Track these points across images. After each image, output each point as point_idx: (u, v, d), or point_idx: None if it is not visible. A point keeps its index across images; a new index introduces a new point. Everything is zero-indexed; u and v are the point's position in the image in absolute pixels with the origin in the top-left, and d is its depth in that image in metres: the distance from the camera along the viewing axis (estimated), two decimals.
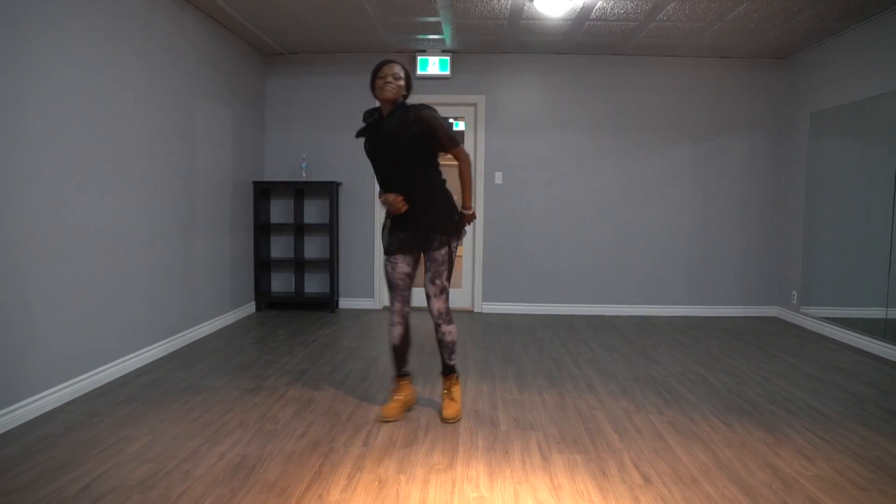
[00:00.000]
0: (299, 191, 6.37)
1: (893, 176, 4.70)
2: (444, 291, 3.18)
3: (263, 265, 6.34)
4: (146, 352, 4.26)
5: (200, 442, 2.90)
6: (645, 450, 2.90)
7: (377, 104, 3.26)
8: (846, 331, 5.23)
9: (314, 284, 6.57)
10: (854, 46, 5.19)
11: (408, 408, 3.36)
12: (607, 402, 3.61)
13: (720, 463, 2.75)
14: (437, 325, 3.23)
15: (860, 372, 4.29)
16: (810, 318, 5.78)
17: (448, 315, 3.22)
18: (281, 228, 6.45)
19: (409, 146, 3.05)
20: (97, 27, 3.68)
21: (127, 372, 4.00)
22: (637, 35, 5.51)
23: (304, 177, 6.31)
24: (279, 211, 6.50)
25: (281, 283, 6.57)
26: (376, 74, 3.12)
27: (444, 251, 3.15)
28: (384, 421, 3.21)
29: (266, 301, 6.42)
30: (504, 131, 6.33)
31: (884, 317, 4.85)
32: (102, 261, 3.80)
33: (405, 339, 3.28)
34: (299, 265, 6.46)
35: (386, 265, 3.24)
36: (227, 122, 5.59)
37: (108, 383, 3.78)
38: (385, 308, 6.55)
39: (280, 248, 6.52)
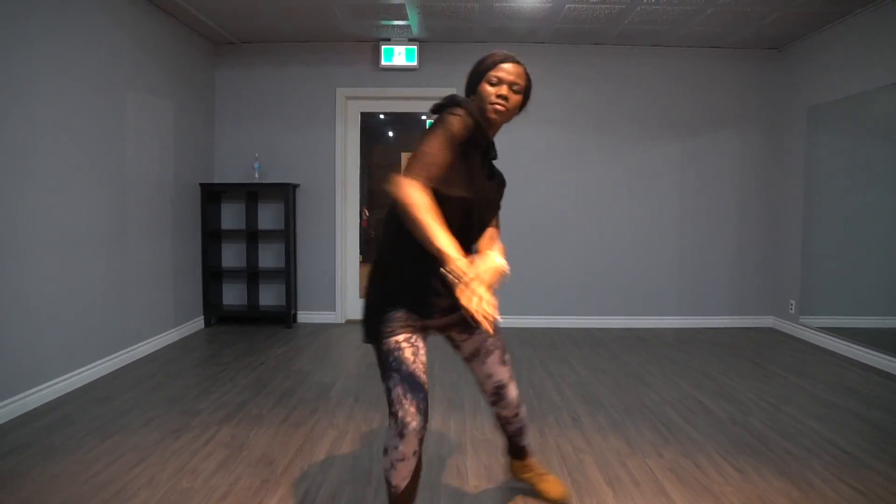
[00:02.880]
0: (252, 193, 5.77)
1: None
2: (512, 371, 2.29)
3: (213, 275, 5.73)
4: (57, 383, 3.63)
5: None
6: None
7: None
8: (851, 344, 4.76)
9: (269, 296, 5.97)
10: (855, 35, 4.73)
11: None
12: (596, 441, 3.07)
13: None
14: (517, 412, 2.33)
15: (874, 394, 3.81)
16: (809, 329, 5.31)
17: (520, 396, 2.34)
18: (233, 235, 5.84)
19: (494, 196, 2.10)
20: None
21: (28, 409, 3.37)
22: (622, 21, 5.00)
23: (257, 178, 5.71)
24: (230, 216, 5.89)
25: (233, 294, 5.96)
26: (486, 72, 1.96)
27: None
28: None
29: (217, 315, 5.81)
30: None
31: (891, 327, 4.40)
32: (4, 279, 3.19)
33: (417, 477, 1.97)
34: (253, 275, 5.85)
35: (401, 350, 1.89)
36: (168, 117, 4.98)
37: (3, 424, 3.16)
38: (349, 322, 5.97)
39: (232, 256, 5.91)
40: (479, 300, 1.57)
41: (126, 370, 4.21)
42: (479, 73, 1.98)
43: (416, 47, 5.65)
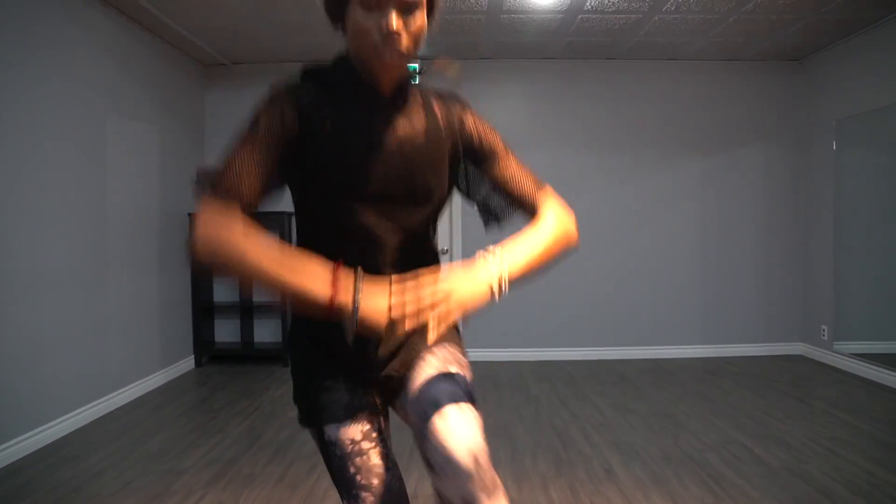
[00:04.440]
0: None
1: None
2: None
3: (205, 311, 5.35)
4: (25, 440, 3.23)
5: None
6: None
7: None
8: (892, 372, 4.37)
9: (265, 333, 5.58)
10: (886, 43, 4.42)
11: None
12: (636, 499, 2.67)
13: None
14: None
15: None
16: (844, 357, 4.92)
17: None
18: None
19: (435, 162, 1.39)
20: None
21: None
22: (637, 32, 4.69)
23: None
24: None
25: (226, 331, 5.57)
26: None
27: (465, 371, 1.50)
28: None
29: (209, 353, 5.41)
30: None
31: None
32: None
33: None
34: (247, 310, 5.46)
35: (361, 455, 1.31)
36: (153, 142, 4.64)
37: None
38: None
39: (224, 290, 5.52)
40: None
41: (104, 421, 3.80)
42: None
43: (417, 65, 5.33)
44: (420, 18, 1.26)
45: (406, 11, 1.23)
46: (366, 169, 1.27)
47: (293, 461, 3.15)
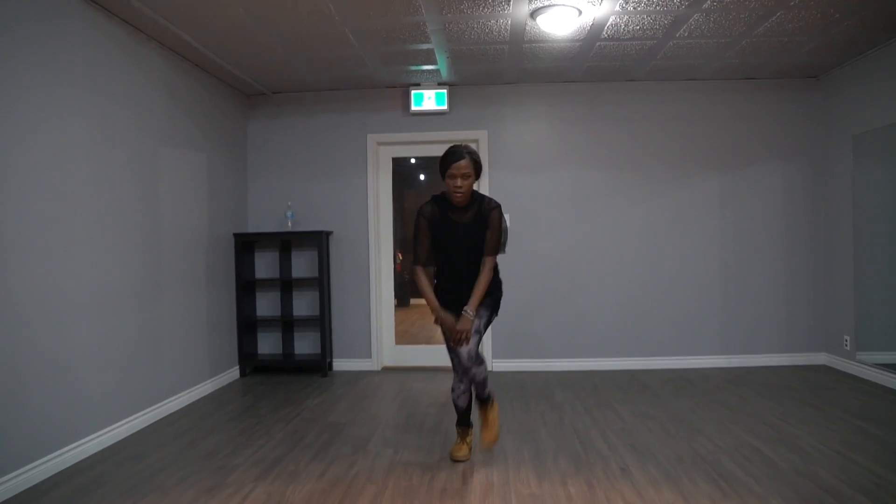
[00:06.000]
0: (286, 242, 5.77)
1: None
2: (477, 333, 3.25)
3: (248, 325, 5.70)
4: (90, 441, 3.58)
5: None
6: None
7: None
8: None
9: (305, 345, 5.91)
10: None
11: (470, 448, 3.47)
12: (648, 494, 2.88)
13: None
14: (467, 368, 3.24)
15: None
16: (867, 366, 5.03)
17: (479, 357, 3.25)
18: (266, 284, 5.83)
19: (478, 235, 3.25)
20: (29, 61, 3.13)
21: (62, 469, 3.31)
22: (654, 56, 4.93)
23: (290, 227, 5.72)
24: (264, 265, 5.88)
25: (268, 344, 5.92)
26: (445, 171, 3.16)
27: (485, 317, 3.33)
28: (456, 461, 3.35)
29: (252, 365, 5.75)
30: (510, 169, 5.73)
31: None
32: (39, 336, 3.17)
33: (472, 399, 3.43)
34: (287, 324, 5.81)
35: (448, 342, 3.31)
36: (202, 169, 5.03)
37: (38, 484, 3.11)
38: (385, 369, 5.87)
39: (266, 305, 5.88)
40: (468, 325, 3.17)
41: (160, 425, 4.15)
42: (442, 170, 3.19)
43: (445, 91, 5.66)
44: (471, 179, 3.18)
45: (464, 178, 3.14)
46: (451, 243, 3.29)
47: (333, 460, 3.43)
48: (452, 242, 3.26)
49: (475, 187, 3.84)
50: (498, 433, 3.37)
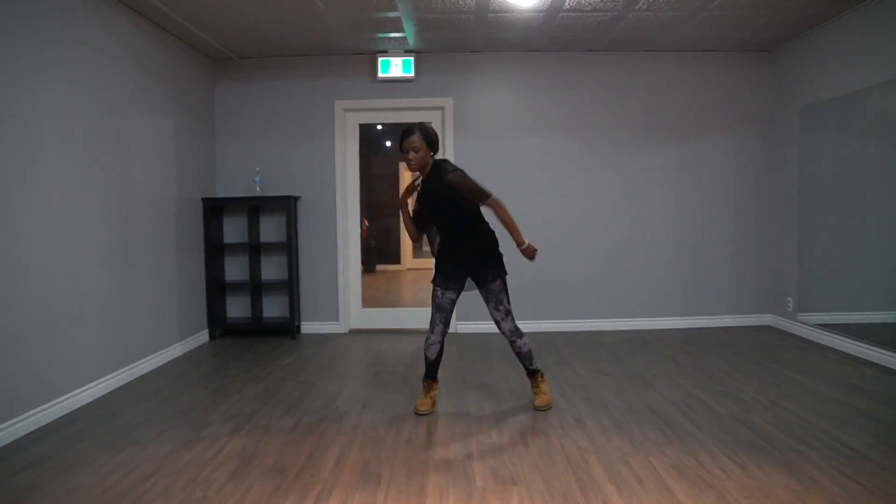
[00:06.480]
0: (254, 207, 5.84)
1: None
2: (509, 314, 3.60)
3: (217, 289, 5.79)
4: (72, 397, 3.69)
5: None
6: None
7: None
8: (850, 340, 4.81)
9: (273, 308, 6.03)
10: (849, 34, 4.80)
11: (433, 403, 3.71)
12: (599, 441, 3.13)
13: None
14: (512, 342, 3.65)
15: (877, 390, 3.86)
16: (807, 326, 5.37)
17: (518, 331, 3.64)
18: (235, 248, 5.90)
19: (446, 199, 3.45)
20: (1, 27, 3.15)
21: (43, 424, 3.42)
22: (615, 28, 5.08)
23: (258, 191, 5.79)
24: (233, 229, 5.95)
25: (237, 307, 6.02)
26: (401, 146, 3.45)
27: (498, 282, 3.56)
28: (419, 414, 3.57)
29: (222, 328, 5.86)
30: (475, 136, 5.86)
31: (891, 321, 4.46)
32: (16, 297, 3.25)
33: (440, 354, 3.66)
34: (256, 288, 5.91)
35: (436, 291, 3.60)
36: (170, 133, 5.05)
37: (19, 439, 3.22)
38: (353, 331, 6.03)
39: (235, 269, 5.97)
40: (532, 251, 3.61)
41: (134, 384, 4.27)
42: (399, 146, 3.46)
43: (412, 58, 5.73)
44: (422, 152, 3.41)
45: (415, 151, 3.40)
46: (428, 209, 3.55)
47: (304, 415, 3.60)
48: (429, 208, 3.54)
49: (441, 157, 4.09)
50: (549, 401, 3.69)
